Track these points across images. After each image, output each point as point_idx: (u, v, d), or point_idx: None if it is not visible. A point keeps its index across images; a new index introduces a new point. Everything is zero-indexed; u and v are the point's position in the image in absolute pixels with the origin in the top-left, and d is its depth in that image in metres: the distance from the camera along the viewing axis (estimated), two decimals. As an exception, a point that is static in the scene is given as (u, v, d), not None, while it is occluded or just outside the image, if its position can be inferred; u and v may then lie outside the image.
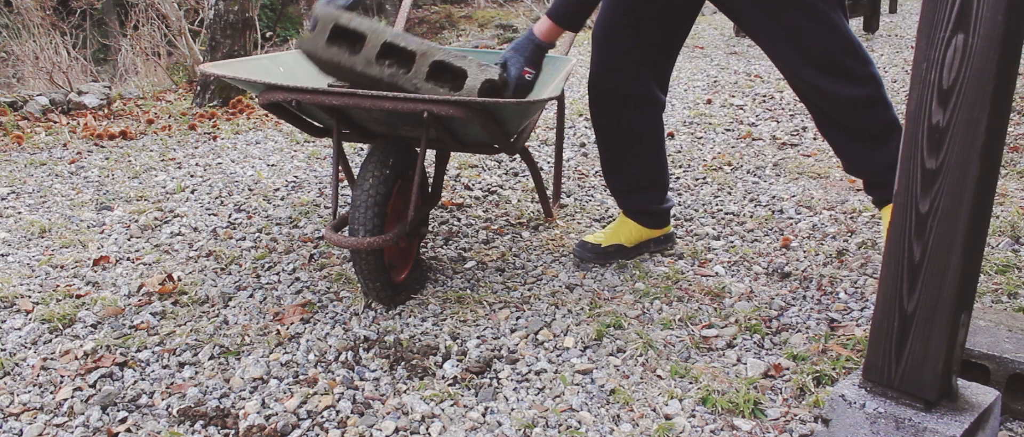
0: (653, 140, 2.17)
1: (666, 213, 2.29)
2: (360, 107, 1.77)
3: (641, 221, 2.27)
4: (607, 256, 2.25)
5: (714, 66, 5.65)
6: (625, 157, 2.18)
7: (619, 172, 2.22)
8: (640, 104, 2.10)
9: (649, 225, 2.28)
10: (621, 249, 2.26)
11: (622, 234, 2.26)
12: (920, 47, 1.17)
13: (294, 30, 13.03)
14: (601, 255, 2.24)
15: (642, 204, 2.24)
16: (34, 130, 4.04)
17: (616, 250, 2.25)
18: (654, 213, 2.26)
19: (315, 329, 1.92)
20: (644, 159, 2.18)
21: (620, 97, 2.09)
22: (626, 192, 2.25)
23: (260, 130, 4.09)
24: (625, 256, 2.27)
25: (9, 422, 1.57)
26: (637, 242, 2.28)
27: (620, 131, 2.14)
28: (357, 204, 1.85)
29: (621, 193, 2.26)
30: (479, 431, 1.53)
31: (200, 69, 2.09)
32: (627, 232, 2.26)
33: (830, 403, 1.34)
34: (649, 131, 2.15)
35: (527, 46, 1.89)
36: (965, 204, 1.16)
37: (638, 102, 2.10)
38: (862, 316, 1.93)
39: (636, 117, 2.12)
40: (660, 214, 2.27)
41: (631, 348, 1.80)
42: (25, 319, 1.99)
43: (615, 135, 2.15)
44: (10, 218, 2.74)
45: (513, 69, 1.88)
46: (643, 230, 2.27)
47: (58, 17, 6.67)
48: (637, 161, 2.18)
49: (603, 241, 2.25)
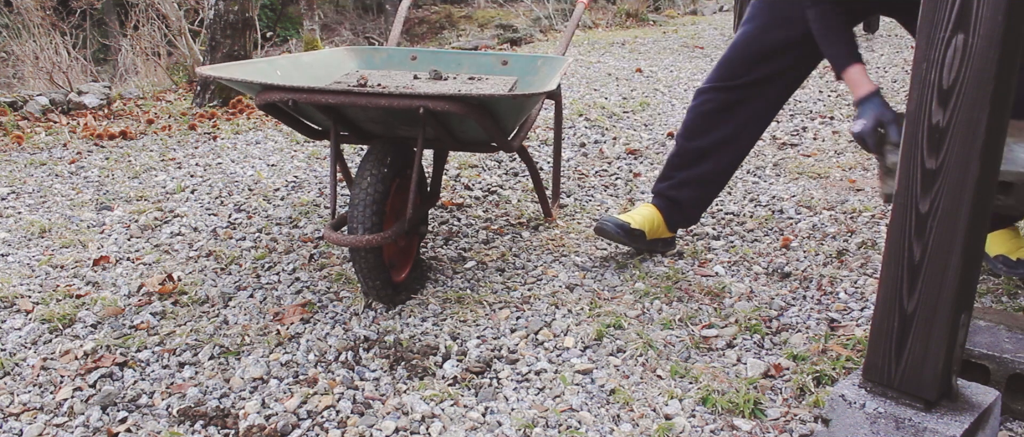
0: (750, 141, 2.20)
1: (689, 220, 2.32)
2: (356, 105, 1.77)
3: (672, 214, 2.27)
4: (631, 237, 2.23)
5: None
6: (727, 144, 2.18)
7: (708, 159, 2.21)
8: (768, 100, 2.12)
9: (674, 223, 2.28)
10: (643, 237, 2.25)
11: (648, 222, 2.26)
12: (920, 47, 1.17)
13: (294, 30, 13.03)
14: (626, 234, 2.22)
15: (694, 197, 2.25)
16: (34, 130, 4.04)
17: (640, 236, 2.24)
18: (694, 211, 2.29)
19: (315, 329, 1.92)
20: (735, 155, 2.21)
21: (768, 81, 2.10)
22: (695, 182, 2.24)
23: (260, 130, 4.09)
24: (639, 246, 2.26)
25: (9, 422, 1.57)
26: (654, 237, 2.28)
27: (742, 116, 2.15)
28: (355, 203, 1.85)
29: (692, 179, 2.24)
30: (479, 431, 1.53)
31: (198, 72, 2.09)
32: (652, 222, 2.26)
33: (830, 403, 1.34)
34: (754, 129, 2.18)
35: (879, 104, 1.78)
36: (965, 204, 1.16)
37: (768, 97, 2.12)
38: (862, 316, 1.93)
39: (762, 109, 2.14)
40: (690, 217, 2.30)
41: (631, 348, 1.80)
42: (25, 319, 1.99)
43: (734, 119, 2.16)
44: (10, 218, 2.74)
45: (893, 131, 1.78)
46: (664, 227, 2.28)
47: (58, 17, 6.66)
48: (730, 155, 2.20)
49: (632, 222, 2.23)
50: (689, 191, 2.25)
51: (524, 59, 2.55)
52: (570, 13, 9.34)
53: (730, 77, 2.12)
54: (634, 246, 2.26)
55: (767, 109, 2.15)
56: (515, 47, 7.59)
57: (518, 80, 2.39)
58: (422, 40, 12.51)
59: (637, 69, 5.53)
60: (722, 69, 2.14)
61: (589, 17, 8.71)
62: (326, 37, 12.60)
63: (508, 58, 2.55)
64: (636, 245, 2.25)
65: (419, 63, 2.62)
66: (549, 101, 3.41)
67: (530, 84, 2.39)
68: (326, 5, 14.67)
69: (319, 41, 6.77)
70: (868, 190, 2.88)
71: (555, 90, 2.51)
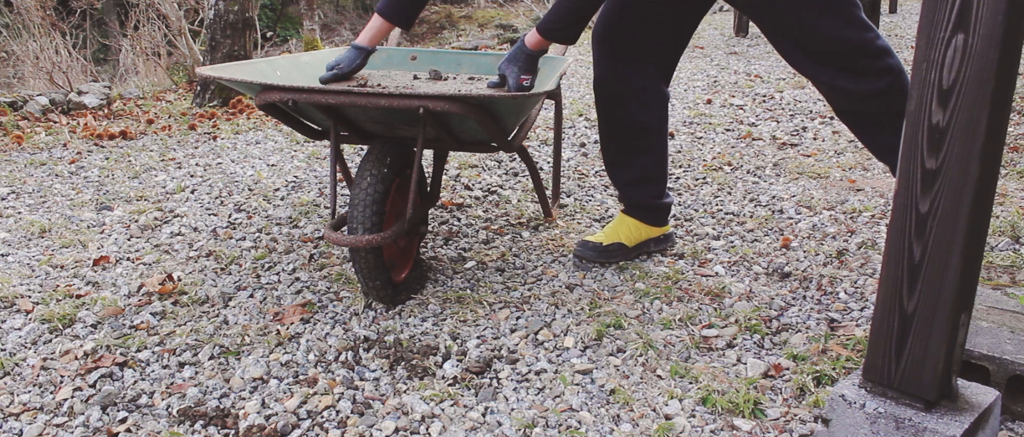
0: (659, 133, 2.19)
1: (666, 209, 2.29)
2: (357, 105, 1.77)
3: (642, 217, 2.27)
4: (609, 255, 2.25)
5: (714, 66, 5.65)
6: (632, 150, 2.19)
7: (625, 166, 2.22)
8: (648, 98, 2.11)
9: (650, 222, 2.28)
10: (622, 248, 2.25)
11: (622, 232, 2.26)
12: (920, 47, 1.17)
13: (294, 30, 13.03)
14: (603, 253, 2.24)
15: (645, 198, 2.25)
16: (34, 130, 4.04)
17: (618, 248, 2.25)
18: (655, 208, 2.27)
19: (315, 329, 1.92)
20: (650, 152, 2.20)
21: (628, 92, 2.10)
22: (631, 185, 2.25)
23: (260, 130, 4.09)
24: (626, 256, 2.26)
25: (9, 422, 1.57)
26: (637, 241, 2.27)
27: (628, 125, 2.15)
28: (355, 203, 1.86)
29: (626, 186, 2.26)
30: (479, 431, 1.53)
31: (198, 72, 2.09)
32: (627, 230, 2.26)
33: (830, 403, 1.34)
34: (656, 124, 2.17)
35: (519, 56, 1.93)
36: (965, 204, 1.16)
37: (646, 96, 2.11)
38: (862, 316, 1.93)
39: (644, 111, 2.13)
40: (661, 210, 2.28)
41: (631, 348, 1.80)
42: (25, 319, 1.99)
43: (622, 129, 2.16)
44: (10, 218, 2.74)
45: (511, 79, 1.91)
46: (643, 227, 2.27)
47: (58, 17, 6.66)
48: (644, 155, 2.20)
49: (604, 240, 2.25)
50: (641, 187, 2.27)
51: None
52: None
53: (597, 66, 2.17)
54: (622, 259, 2.26)
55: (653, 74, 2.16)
56: (515, 47, 7.57)
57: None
58: (422, 40, 12.51)
59: (637, 69, 5.52)
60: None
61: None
62: (326, 37, 12.60)
63: (508, 58, 2.55)
64: (622, 258, 2.27)
65: (419, 63, 2.62)
66: (549, 101, 3.41)
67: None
68: (326, 5, 14.67)
69: (319, 41, 6.77)
70: (868, 190, 2.88)
71: (555, 90, 2.51)
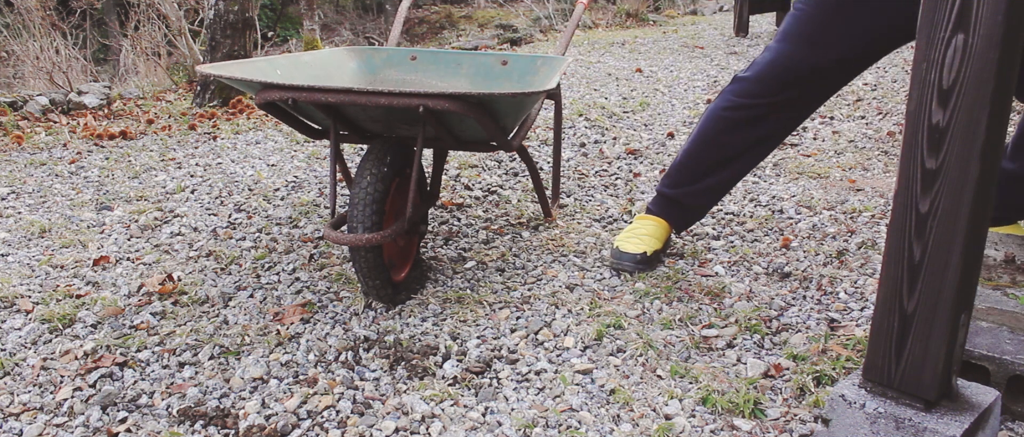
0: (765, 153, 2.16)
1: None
2: (357, 104, 1.77)
3: (676, 216, 2.26)
4: (650, 264, 2.23)
5: (714, 66, 5.65)
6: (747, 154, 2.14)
7: (726, 168, 2.17)
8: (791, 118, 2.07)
9: (679, 224, 2.28)
10: (659, 254, 2.26)
11: (656, 236, 2.25)
12: (920, 47, 1.17)
13: (294, 30, 13.03)
14: (646, 264, 2.21)
15: (705, 204, 2.24)
16: (34, 130, 4.04)
17: (655, 256, 2.24)
18: (699, 217, 2.28)
19: (315, 329, 1.92)
20: (748, 166, 2.17)
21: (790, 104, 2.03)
22: (710, 190, 2.21)
23: (260, 130, 4.09)
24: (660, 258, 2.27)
25: (9, 422, 1.57)
26: (664, 241, 2.28)
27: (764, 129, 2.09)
28: (355, 202, 1.86)
29: (708, 188, 2.21)
30: (479, 431, 1.53)
31: (198, 70, 2.09)
32: (660, 232, 2.26)
33: (830, 403, 1.34)
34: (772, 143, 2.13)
35: None
36: (965, 204, 1.16)
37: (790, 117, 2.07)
38: (862, 316, 1.93)
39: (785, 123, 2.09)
40: (696, 220, 2.30)
41: (631, 348, 1.80)
42: (25, 319, 1.99)
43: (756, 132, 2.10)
44: (10, 218, 2.74)
45: None
46: (668, 229, 2.28)
47: (58, 17, 6.66)
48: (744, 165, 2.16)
49: (648, 249, 2.22)
50: (702, 198, 2.23)
51: (524, 59, 2.55)
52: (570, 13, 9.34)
53: (761, 94, 2.06)
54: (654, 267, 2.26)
55: (789, 124, 2.10)
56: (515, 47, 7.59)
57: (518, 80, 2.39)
58: (422, 40, 12.51)
59: (637, 69, 5.53)
60: (755, 85, 2.06)
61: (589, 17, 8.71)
62: (326, 37, 12.61)
63: (508, 58, 2.55)
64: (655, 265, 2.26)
65: (419, 63, 2.62)
66: (549, 101, 3.41)
67: (530, 84, 2.39)
68: (326, 5, 14.67)
69: (319, 41, 6.77)
70: (868, 190, 2.88)
71: (555, 90, 2.51)
